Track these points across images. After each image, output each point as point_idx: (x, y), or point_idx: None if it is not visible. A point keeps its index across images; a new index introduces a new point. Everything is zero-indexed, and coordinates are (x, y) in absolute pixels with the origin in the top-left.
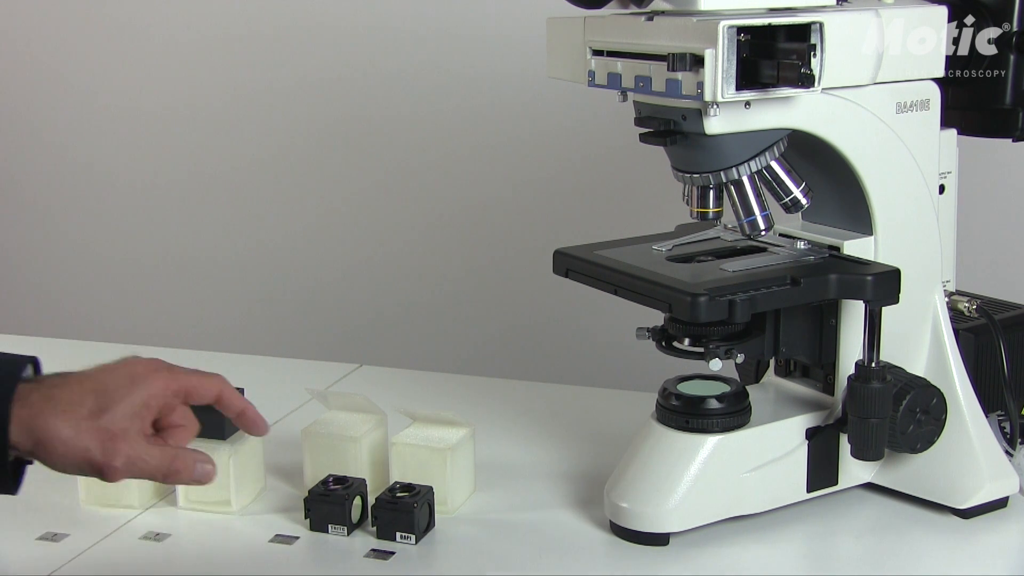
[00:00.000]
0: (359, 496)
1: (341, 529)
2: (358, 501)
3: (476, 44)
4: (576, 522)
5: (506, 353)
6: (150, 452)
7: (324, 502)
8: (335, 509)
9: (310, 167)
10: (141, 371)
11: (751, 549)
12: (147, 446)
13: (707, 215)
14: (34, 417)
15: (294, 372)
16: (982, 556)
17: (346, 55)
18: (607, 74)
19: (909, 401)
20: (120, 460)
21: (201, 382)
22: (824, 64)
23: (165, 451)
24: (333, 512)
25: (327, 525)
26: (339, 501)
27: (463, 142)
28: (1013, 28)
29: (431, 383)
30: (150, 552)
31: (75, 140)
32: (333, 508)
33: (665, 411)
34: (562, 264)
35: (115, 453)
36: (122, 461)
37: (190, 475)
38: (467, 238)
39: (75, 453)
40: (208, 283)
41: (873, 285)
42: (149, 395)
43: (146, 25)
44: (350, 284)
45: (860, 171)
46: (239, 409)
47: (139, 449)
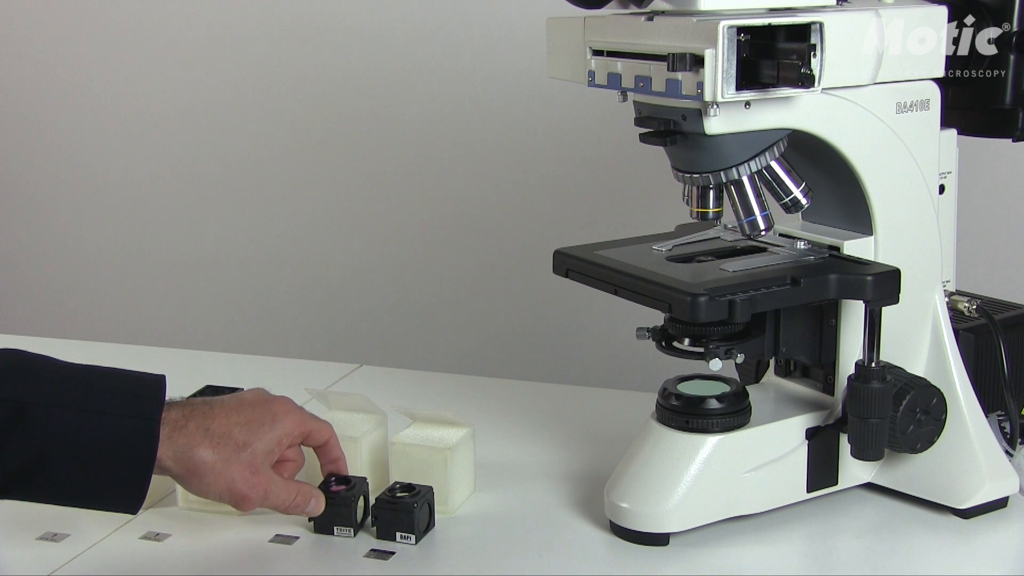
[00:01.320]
0: (363, 496)
1: (347, 531)
2: (361, 501)
3: (476, 44)
4: (576, 522)
5: (506, 353)
6: (280, 486)
7: (329, 504)
8: (340, 511)
9: (310, 167)
10: (280, 410)
11: (751, 549)
12: (279, 480)
13: (707, 215)
14: (192, 447)
15: (294, 372)
16: (982, 556)
17: (346, 55)
18: (607, 74)
19: (909, 401)
20: (257, 493)
21: (319, 427)
22: (824, 64)
23: (291, 486)
24: (339, 514)
25: (332, 527)
26: (345, 503)
27: (463, 142)
28: (1013, 28)
29: (431, 383)
30: (150, 552)
31: (75, 140)
32: (338, 510)
33: (665, 411)
34: (562, 264)
35: (254, 486)
36: (258, 494)
37: (307, 509)
38: (467, 238)
39: (222, 483)
40: (208, 283)
41: (873, 285)
42: (284, 433)
43: (146, 25)
44: (350, 284)
45: (860, 171)
46: (335, 457)
47: (272, 484)
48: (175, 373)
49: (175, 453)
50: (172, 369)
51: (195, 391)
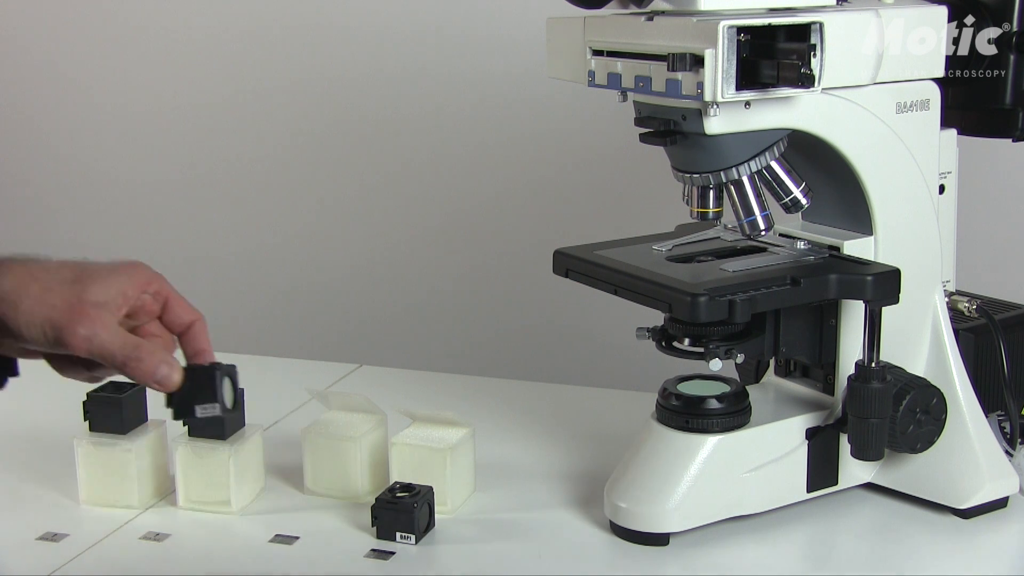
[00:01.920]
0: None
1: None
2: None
3: (476, 44)
4: (576, 522)
5: (506, 353)
6: (117, 331)
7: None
8: (402, 517)
9: (310, 167)
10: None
11: (751, 549)
12: (116, 325)
13: (707, 215)
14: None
15: (294, 372)
16: (982, 556)
17: (346, 55)
18: (607, 74)
19: (909, 401)
20: (84, 328)
21: (182, 301)
22: (824, 64)
23: (132, 337)
24: (400, 520)
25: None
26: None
27: (463, 142)
28: (1013, 28)
29: (431, 383)
30: (150, 552)
31: (75, 140)
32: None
33: (665, 411)
34: (562, 264)
35: (81, 319)
36: (86, 330)
37: (151, 369)
38: (467, 238)
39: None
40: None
41: (873, 285)
42: (128, 284)
43: (146, 25)
44: (350, 284)
45: (860, 171)
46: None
47: (107, 324)
48: None
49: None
50: None
51: None
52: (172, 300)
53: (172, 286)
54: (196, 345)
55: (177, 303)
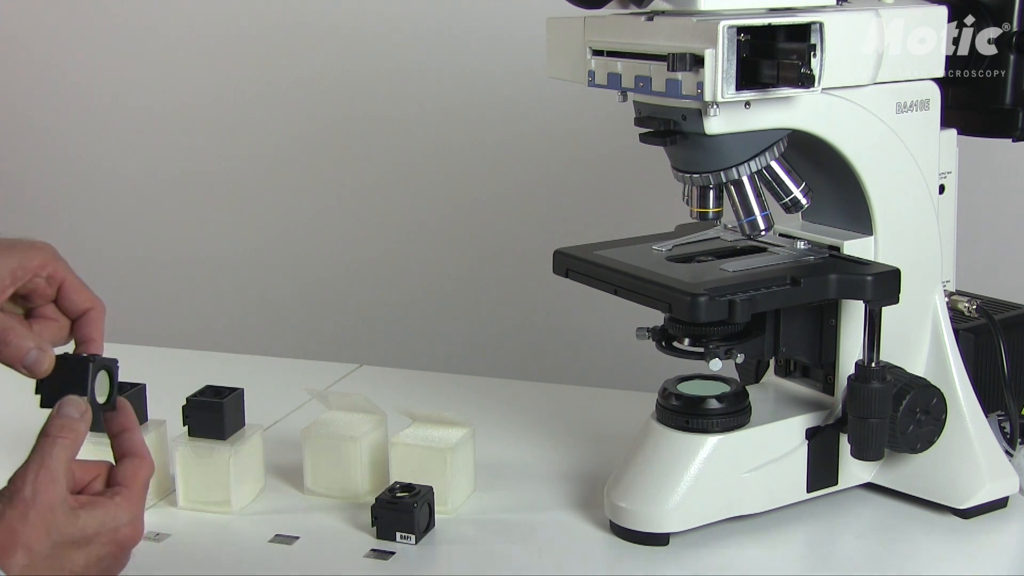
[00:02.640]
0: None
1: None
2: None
3: (476, 44)
4: (576, 522)
5: (506, 353)
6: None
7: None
8: (402, 517)
9: (310, 167)
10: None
11: (751, 549)
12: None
13: (707, 215)
14: None
15: (294, 372)
16: (982, 556)
17: (346, 55)
18: (607, 74)
19: (909, 401)
20: None
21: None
22: (824, 64)
23: (3, 318)
24: (400, 520)
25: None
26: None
27: (463, 142)
28: (1013, 28)
29: (431, 383)
30: (150, 552)
31: (75, 139)
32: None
33: (665, 411)
34: (562, 264)
35: None
36: None
37: (19, 353)
38: (467, 238)
39: None
40: (208, 283)
41: (873, 285)
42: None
43: (146, 25)
44: (350, 284)
45: (860, 171)
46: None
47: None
48: (175, 373)
49: None
50: (172, 369)
51: (195, 391)
52: (68, 285)
53: (72, 271)
54: (85, 332)
55: (74, 289)
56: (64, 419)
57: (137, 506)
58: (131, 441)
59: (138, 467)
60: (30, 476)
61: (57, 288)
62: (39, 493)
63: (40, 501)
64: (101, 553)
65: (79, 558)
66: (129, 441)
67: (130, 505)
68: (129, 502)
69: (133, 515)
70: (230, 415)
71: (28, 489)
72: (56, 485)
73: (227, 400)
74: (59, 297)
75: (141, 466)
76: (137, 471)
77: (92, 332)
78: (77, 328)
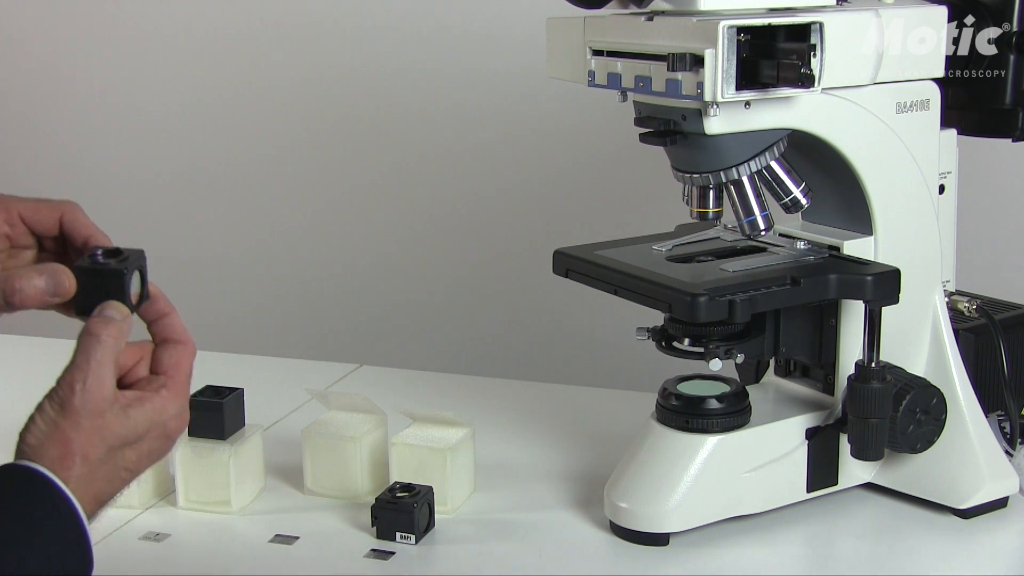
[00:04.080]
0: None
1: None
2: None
3: (476, 44)
4: (576, 522)
5: (506, 353)
6: None
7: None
8: (402, 517)
9: (310, 167)
10: None
11: (751, 549)
12: None
13: (707, 215)
14: None
15: (294, 372)
16: (982, 556)
17: (346, 55)
18: (607, 74)
19: (909, 401)
20: None
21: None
22: (824, 64)
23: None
24: (400, 520)
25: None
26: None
27: (463, 142)
28: (1013, 28)
29: (431, 383)
30: (150, 552)
31: (75, 139)
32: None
33: (665, 411)
34: (562, 264)
35: None
36: None
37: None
38: (467, 238)
39: None
40: (208, 283)
41: (873, 285)
42: None
43: (146, 25)
44: (350, 284)
45: (860, 171)
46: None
47: None
48: None
49: None
50: None
51: (195, 391)
52: (24, 211)
53: (19, 199)
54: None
55: (30, 210)
56: (106, 318)
57: (183, 396)
58: (171, 326)
59: (181, 353)
60: (78, 382)
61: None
62: (89, 399)
63: (91, 408)
64: (152, 447)
65: (131, 454)
66: (169, 326)
67: (176, 396)
68: (174, 393)
69: (180, 406)
70: (230, 415)
71: (78, 396)
72: (105, 388)
73: (227, 400)
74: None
75: (184, 352)
76: (181, 358)
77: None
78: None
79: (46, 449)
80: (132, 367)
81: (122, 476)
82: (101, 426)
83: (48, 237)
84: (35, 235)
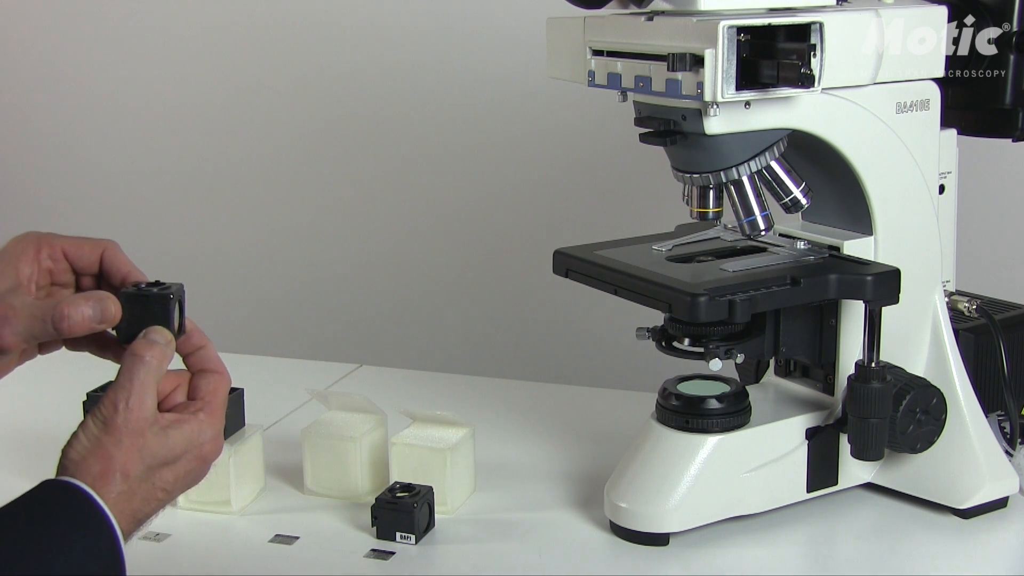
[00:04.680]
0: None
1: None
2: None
3: (476, 44)
4: (576, 522)
5: (506, 353)
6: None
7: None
8: (402, 517)
9: (310, 166)
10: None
11: (751, 549)
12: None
13: (707, 215)
14: None
15: (294, 372)
16: (982, 556)
17: (345, 54)
18: (607, 74)
19: (909, 401)
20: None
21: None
22: (824, 64)
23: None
24: (400, 520)
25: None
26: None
27: (463, 141)
28: (1013, 28)
29: (431, 383)
30: (150, 552)
31: (74, 140)
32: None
33: (665, 411)
34: (562, 264)
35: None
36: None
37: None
38: (467, 238)
39: None
40: (208, 283)
41: (873, 285)
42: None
43: (146, 25)
44: (350, 284)
45: (860, 171)
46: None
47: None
48: None
49: None
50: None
51: None
52: (67, 247)
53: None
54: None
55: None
56: (151, 341)
57: (219, 421)
58: (207, 357)
59: (218, 382)
60: (121, 401)
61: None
62: (132, 418)
63: (133, 427)
64: (188, 468)
65: (168, 475)
66: (206, 357)
67: (213, 421)
68: (211, 417)
69: (216, 431)
70: (230, 415)
71: (121, 415)
72: (146, 408)
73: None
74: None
75: (221, 381)
76: (217, 386)
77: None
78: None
79: (88, 465)
80: (170, 393)
81: (159, 496)
82: (141, 445)
83: (87, 275)
84: (74, 272)
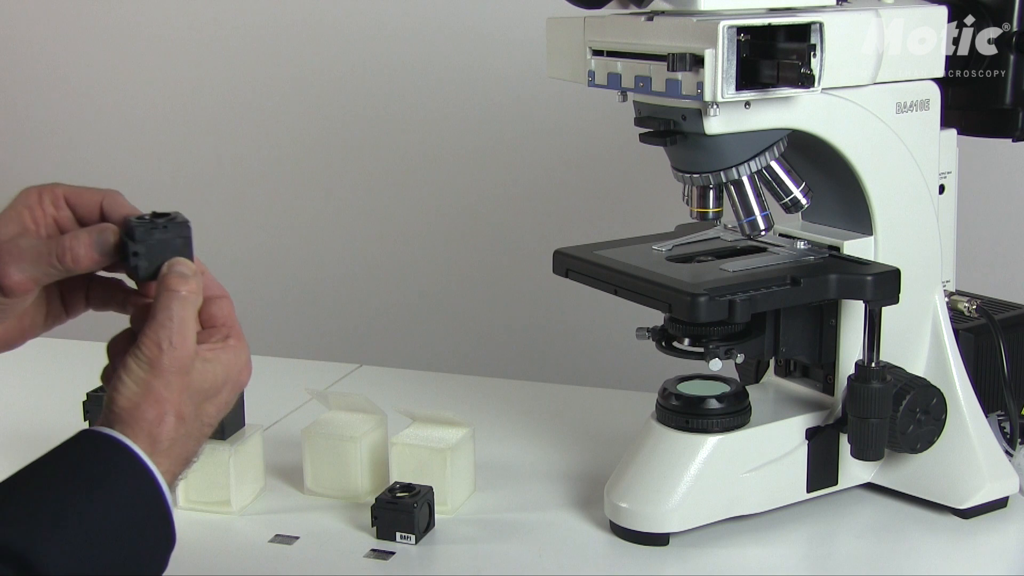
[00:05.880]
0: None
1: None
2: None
3: (476, 44)
4: (576, 522)
5: (506, 353)
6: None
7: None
8: (402, 517)
9: (310, 167)
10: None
11: (751, 549)
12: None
13: (707, 215)
14: None
15: (294, 372)
16: (982, 556)
17: (346, 54)
18: (607, 74)
19: (909, 401)
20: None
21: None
22: (824, 64)
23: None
24: (400, 520)
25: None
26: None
27: (463, 142)
28: (1013, 28)
29: (431, 383)
30: None
31: (74, 140)
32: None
33: (665, 411)
34: (562, 264)
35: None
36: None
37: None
38: (467, 238)
39: None
40: None
41: (873, 285)
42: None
43: (146, 25)
44: (350, 284)
45: (860, 171)
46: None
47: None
48: None
49: None
50: None
51: None
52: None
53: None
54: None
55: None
56: (181, 274)
57: (247, 345)
58: (208, 284)
59: (229, 306)
60: (164, 339)
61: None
62: (177, 356)
63: (180, 365)
64: (228, 399)
65: (212, 409)
66: (210, 282)
67: (242, 345)
68: (240, 342)
69: (248, 355)
70: (230, 415)
71: (167, 355)
72: (188, 344)
73: None
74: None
75: (230, 304)
76: (231, 310)
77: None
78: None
79: (142, 411)
80: None
81: (204, 432)
82: (188, 383)
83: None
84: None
